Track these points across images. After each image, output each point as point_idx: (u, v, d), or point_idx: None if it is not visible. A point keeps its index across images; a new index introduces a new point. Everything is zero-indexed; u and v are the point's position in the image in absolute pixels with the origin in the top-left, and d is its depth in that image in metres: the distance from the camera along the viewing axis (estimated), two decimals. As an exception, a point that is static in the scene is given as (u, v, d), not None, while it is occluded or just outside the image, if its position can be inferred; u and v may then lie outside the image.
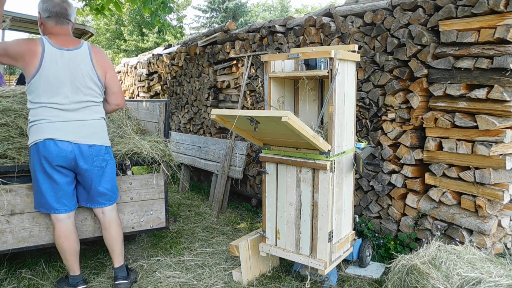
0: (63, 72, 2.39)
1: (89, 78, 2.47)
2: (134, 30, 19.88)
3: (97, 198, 2.57)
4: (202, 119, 5.36)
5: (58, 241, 2.50)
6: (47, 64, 2.35)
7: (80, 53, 2.47)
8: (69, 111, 2.42)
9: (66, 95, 2.40)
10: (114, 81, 2.63)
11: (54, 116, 2.38)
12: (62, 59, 2.39)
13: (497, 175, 2.52)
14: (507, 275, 1.93)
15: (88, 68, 2.47)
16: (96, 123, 2.52)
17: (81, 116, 2.46)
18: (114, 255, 2.66)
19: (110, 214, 2.64)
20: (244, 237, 2.88)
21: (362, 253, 2.86)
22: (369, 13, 3.09)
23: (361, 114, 3.22)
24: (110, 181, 2.61)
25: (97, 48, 2.62)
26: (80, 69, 2.43)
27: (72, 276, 2.59)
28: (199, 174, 5.58)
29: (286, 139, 2.44)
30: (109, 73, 2.59)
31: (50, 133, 2.36)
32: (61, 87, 2.39)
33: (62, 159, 2.39)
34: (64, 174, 2.45)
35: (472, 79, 2.54)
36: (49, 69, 2.35)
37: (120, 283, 2.63)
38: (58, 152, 2.37)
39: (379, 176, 3.12)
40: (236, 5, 25.76)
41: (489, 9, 2.41)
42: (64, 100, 2.40)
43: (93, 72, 2.49)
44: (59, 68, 2.38)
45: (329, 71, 2.37)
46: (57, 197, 2.45)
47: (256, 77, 4.29)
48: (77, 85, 2.43)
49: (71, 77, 2.41)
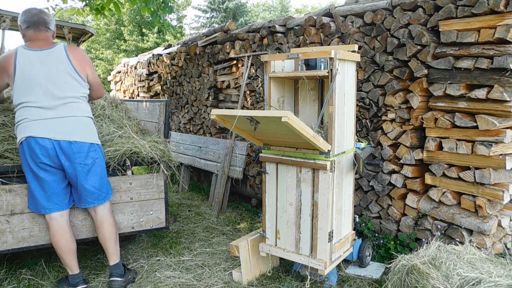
0: (38, 71, 2.42)
1: (67, 74, 2.48)
2: (134, 30, 19.87)
3: (85, 197, 2.56)
4: (202, 119, 5.36)
5: (53, 240, 2.53)
6: (21, 66, 2.42)
7: (54, 51, 2.49)
8: (48, 108, 2.43)
9: (44, 93, 2.42)
10: (95, 75, 2.66)
11: (34, 114, 2.41)
12: (36, 59, 2.43)
13: (497, 175, 2.52)
14: (507, 275, 1.93)
15: (65, 64, 2.48)
16: (77, 120, 2.50)
17: (61, 113, 2.45)
18: (107, 253, 2.67)
19: (102, 212, 2.64)
20: (244, 237, 2.88)
21: (362, 253, 2.86)
22: (369, 13, 3.08)
23: (361, 114, 3.22)
24: (98, 179, 2.58)
25: (73, 46, 2.65)
26: (55, 66, 2.45)
27: (71, 276, 2.59)
28: (199, 174, 5.58)
29: (286, 139, 2.44)
30: (89, 69, 2.61)
31: (30, 131, 2.39)
32: (37, 85, 2.42)
33: (44, 156, 2.40)
34: (50, 172, 2.45)
35: (472, 79, 2.54)
36: (24, 70, 2.42)
37: (114, 280, 2.63)
38: (40, 149, 2.38)
39: (379, 176, 3.12)
40: (236, 5, 25.75)
41: (489, 9, 2.41)
42: (42, 98, 2.42)
43: (71, 67, 2.49)
44: (34, 68, 2.42)
45: (329, 71, 2.37)
46: (47, 196, 2.46)
47: (256, 77, 4.29)
48: (54, 81, 2.44)
49: (46, 74, 2.43)
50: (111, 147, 2.83)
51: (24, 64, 2.42)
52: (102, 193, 2.63)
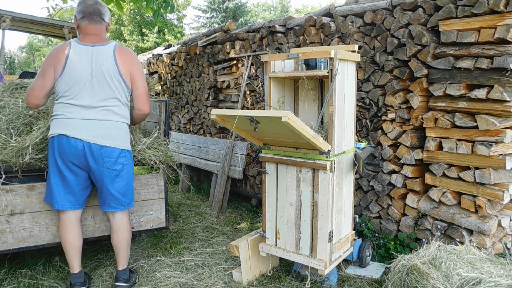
0: (86, 67, 2.39)
1: (112, 75, 2.42)
2: (134, 30, 19.88)
3: (109, 201, 2.54)
4: (202, 119, 5.36)
5: (60, 233, 2.54)
6: (72, 60, 2.39)
7: (105, 49, 2.44)
8: (87, 108, 2.40)
9: (86, 91, 2.39)
10: (139, 83, 2.53)
11: (72, 112, 2.40)
12: (86, 54, 2.40)
13: (497, 175, 2.52)
14: (507, 275, 1.93)
15: (110, 64, 2.42)
16: (111, 124, 2.45)
17: (98, 115, 2.42)
18: (118, 258, 2.66)
19: (120, 218, 2.61)
20: (244, 237, 2.88)
21: (362, 253, 2.86)
22: (369, 13, 3.08)
23: (361, 114, 3.22)
24: (124, 185, 2.55)
25: (124, 47, 2.57)
26: (102, 65, 2.40)
27: (72, 275, 2.57)
28: (199, 174, 5.58)
29: (286, 139, 2.44)
30: (135, 74, 2.51)
31: (64, 129, 2.38)
32: (82, 82, 2.39)
33: (73, 156, 2.39)
34: (75, 172, 2.44)
35: (472, 79, 2.54)
36: (74, 64, 2.39)
37: (120, 285, 2.63)
38: (69, 148, 2.38)
39: (379, 176, 3.12)
40: (236, 5, 25.75)
41: (489, 9, 2.41)
42: (84, 96, 2.40)
43: (115, 68, 2.42)
44: (81, 63, 2.39)
45: (329, 71, 2.37)
46: (64, 193, 2.47)
47: (256, 77, 4.29)
48: (99, 81, 2.40)
49: (92, 72, 2.39)
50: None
51: (74, 58, 2.39)
52: (127, 200, 2.59)
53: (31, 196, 2.55)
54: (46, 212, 2.60)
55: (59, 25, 4.52)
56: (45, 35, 5.95)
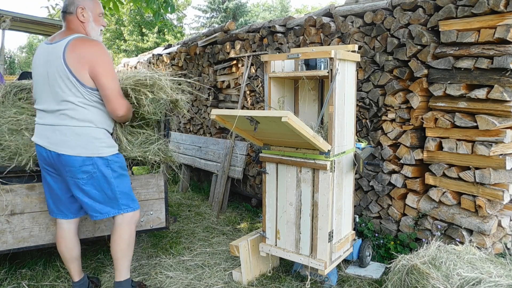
0: (42, 69, 2.19)
1: (61, 74, 2.11)
2: (134, 30, 19.88)
3: (86, 209, 2.33)
4: (202, 119, 5.36)
5: (56, 243, 2.45)
6: (34, 63, 2.26)
7: (58, 45, 2.14)
8: (48, 112, 2.21)
9: (46, 95, 2.21)
10: (103, 81, 2.14)
11: (38, 117, 2.29)
12: (44, 55, 2.20)
13: (497, 175, 2.52)
14: (507, 275, 1.93)
15: (59, 61, 2.10)
16: (67, 130, 2.16)
17: (55, 120, 2.18)
18: (114, 267, 2.42)
19: (116, 223, 2.37)
20: (244, 237, 2.88)
21: (362, 253, 2.86)
22: (369, 13, 3.08)
23: (361, 114, 3.22)
24: (98, 194, 2.26)
25: (84, 39, 2.18)
26: (53, 64, 2.13)
27: (72, 284, 2.51)
28: (199, 174, 5.58)
29: (286, 139, 2.44)
30: (96, 70, 2.13)
31: (34, 135, 2.32)
32: (40, 85, 2.23)
33: (46, 163, 2.27)
34: (55, 178, 2.30)
35: (472, 79, 2.54)
36: (35, 67, 2.25)
37: None
38: (40, 155, 2.28)
39: (379, 176, 3.12)
40: (236, 5, 25.75)
41: (489, 9, 2.41)
42: (44, 100, 2.22)
43: (63, 67, 2.10)
44: (39, 65, 2.21)
45: (329, 71, 2.37)
46: (53, 201, 2.38)
47: (256, 77, 4.29)
48: (52, 82, 2.15)
49: (47, 73, 2.16)
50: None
51: (35, 60, 2.24)
52: (107, 208, 2.30)
53: (31, 196, 2.55)
54: (46, 212, 2.59)
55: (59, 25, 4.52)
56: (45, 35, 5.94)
